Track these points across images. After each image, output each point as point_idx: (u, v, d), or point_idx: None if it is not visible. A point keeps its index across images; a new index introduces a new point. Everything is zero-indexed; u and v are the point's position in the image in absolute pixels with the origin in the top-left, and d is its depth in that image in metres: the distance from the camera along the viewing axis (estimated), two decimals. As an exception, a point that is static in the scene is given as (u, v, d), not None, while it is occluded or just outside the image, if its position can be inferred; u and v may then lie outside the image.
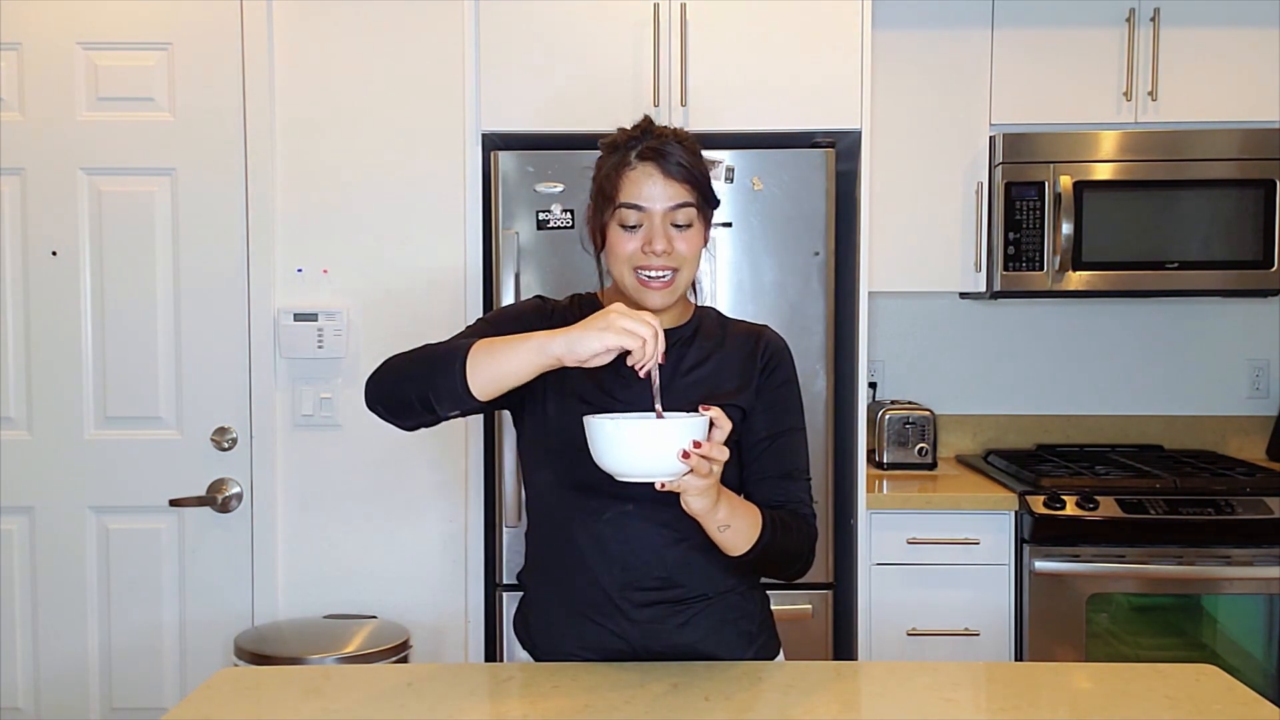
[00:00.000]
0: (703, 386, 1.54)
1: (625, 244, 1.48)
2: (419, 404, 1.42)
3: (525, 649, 1.62)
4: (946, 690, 1.45)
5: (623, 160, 1.49)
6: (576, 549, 1.53)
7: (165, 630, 2.65)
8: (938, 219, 2.95)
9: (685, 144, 1.51)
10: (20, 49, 2.59)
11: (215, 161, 2.61)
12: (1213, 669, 1.51)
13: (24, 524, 2.64)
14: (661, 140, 1.49)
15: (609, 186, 1.50)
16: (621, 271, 1.50)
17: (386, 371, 1.47)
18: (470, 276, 2.63)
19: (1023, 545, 2.68)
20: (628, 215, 1.48)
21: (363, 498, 2.65)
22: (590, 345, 1.31)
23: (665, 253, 1.47)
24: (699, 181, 1.50)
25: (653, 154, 1.48)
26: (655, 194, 1.47)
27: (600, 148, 1.56)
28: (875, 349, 3.26)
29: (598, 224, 1.52)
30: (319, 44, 2.62)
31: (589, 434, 1.33)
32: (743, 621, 1.58)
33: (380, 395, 1.47)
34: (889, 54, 2.91)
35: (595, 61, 2.62)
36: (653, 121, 1.53)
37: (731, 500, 1.41)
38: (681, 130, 1.54)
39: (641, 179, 1.48)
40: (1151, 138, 2.87)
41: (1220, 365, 3.30)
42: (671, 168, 1.48)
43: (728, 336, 1.60)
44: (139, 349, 2.62)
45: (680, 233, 1.49)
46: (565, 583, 1.55)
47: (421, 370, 1.42)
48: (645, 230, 1.48)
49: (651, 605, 1.51)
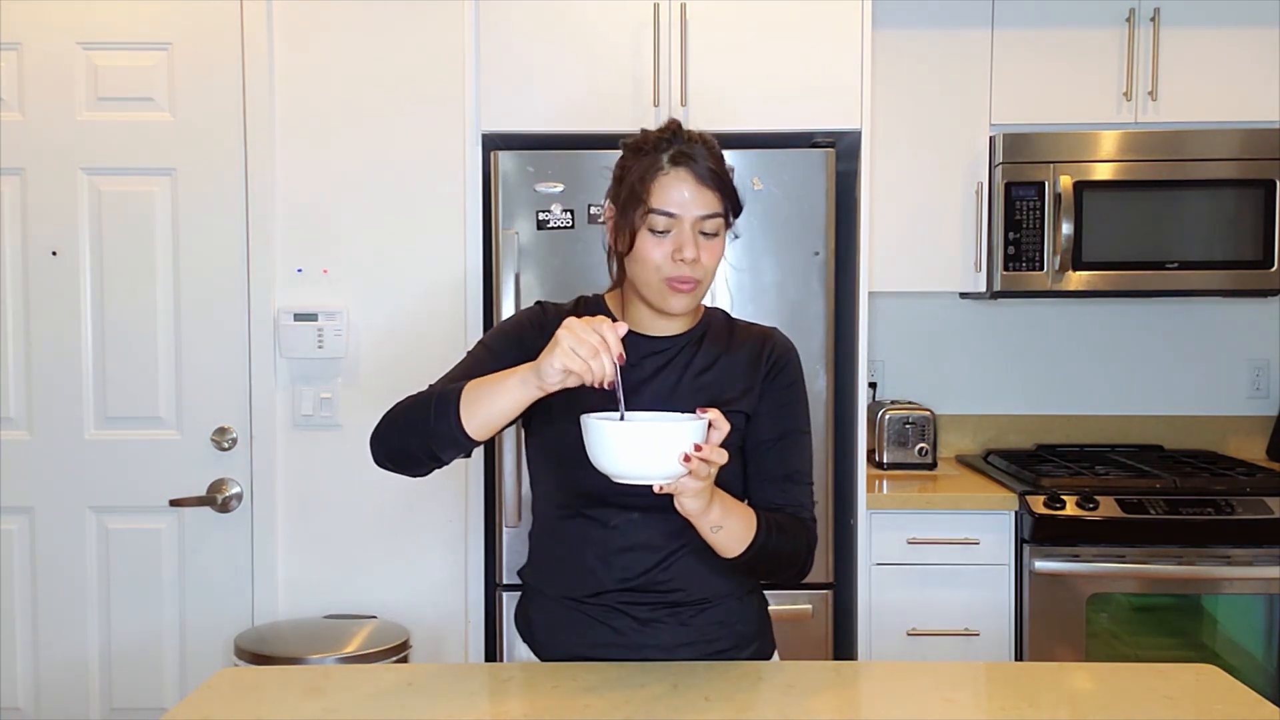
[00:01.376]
0: (708, 391, 1.54)
1: (654, 250, 1.47)
2: (424, 455, 1.44)
3: (526, 642, 1.62)
4: (946, 690, 1.45)
5: (654, 164, 1.48)
6: (580, 554, 1.53)
7: (165, 630, 2.65)
8: (937, 219, 2.95)
9: (712, 150, 1.50)
10: (20, 49, 2.59)
11: (215, 161, 2.61)
12: (1213, 669, 1.51)
13: (24, 524, 2.64)
14: (691, 145, 1.49)
15: (640, 189, 1.47)
16: (649, 276, 1.49)
17: (387, 427, 1.48)
18: (470, 276, 2.63)
19: (1023, 545, 2.68)
20: (658, 221, 1.46)
21: (363, 498, 2.65)
22: (550, 376, 1.32)
23: (694, 261, 1.46)
24: (728, 190, 1.50)
25: (685, 159, 1.47)
26: (687, 200, 1.46)
27: (624, 148, 1.54)
28: (875, 349, 3.26)
29: (625, 226, 1.49)
30: (319, 44, 2.62)
31: (587, 436, 1.32)
32: (739, 625, 1.58)
33: (387, 453, 1.48)
34: (889, 54, 2.91)
35: (595, 61, 2.62)
36: (680, 124, 1.51)
37: (725, 502, 1.41)
38: (707, 135, 1.52)
39: (674, 184, 1.46)
40: (1151, 138, 2.87)
41: (1220, 365, 3.30)
42: (703, 173, 1.47)
43: (735, 340, 1.60)
44: (139, 349, 2.63)
45: (707, 242, 1.48)
46: (567, 583, 1.55)
47: (419, 421, 1.42)
48: (675, 236, 1.46)
49: (652, 607, 1.52)
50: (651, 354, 1.55)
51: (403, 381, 2.63)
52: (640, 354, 1.54)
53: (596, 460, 1.32)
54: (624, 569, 1.51)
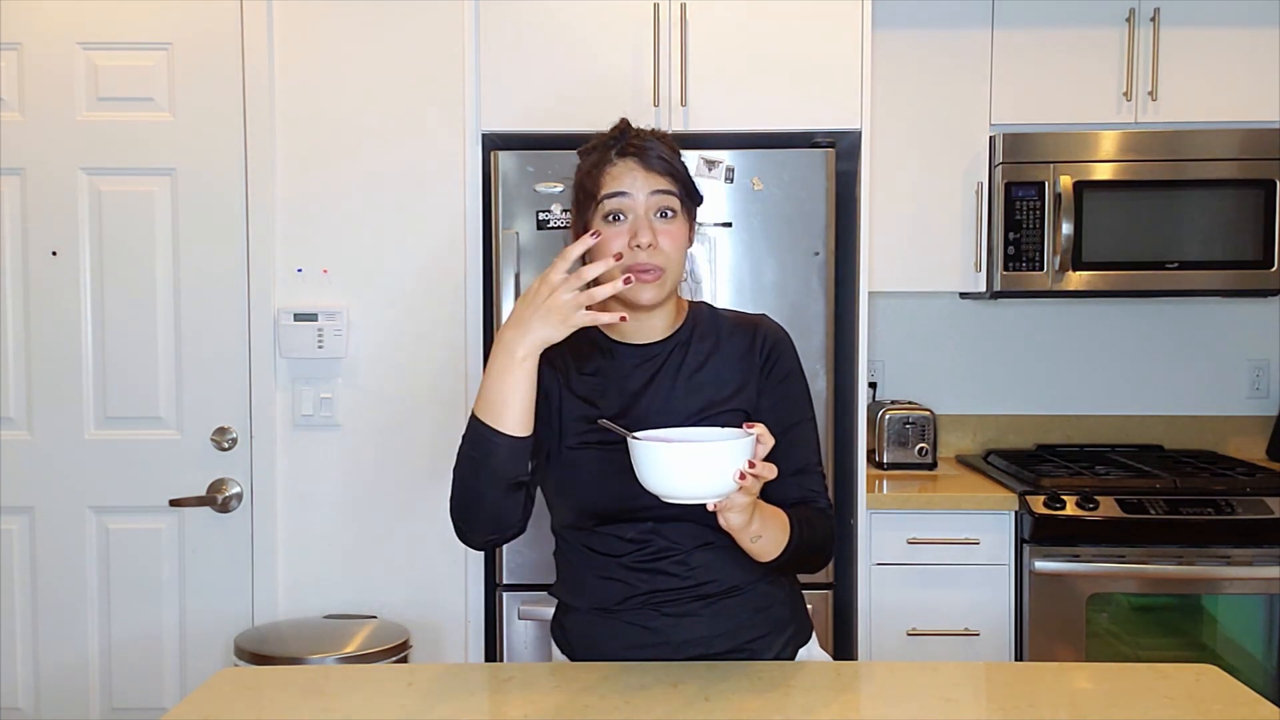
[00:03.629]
0: (703, 393, 1.53)
1: (611, 241, 1.46)
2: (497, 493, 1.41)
3: (564, 654, 1.62)
4: (946, 690, 1.45)
5: (602, 158, 1.50)
6: (603, 568, 1.53)
7: (165, 630, 2.65)
8: (938, 219, 2.95)
9: (664, 141, 1.51)
10: (20, 49, 2.59)
11: (215, 161, 2.61)
12: (1213, 669, 1.51)
13: (24, 524, 2.64)
14: (640, 138, 1.50)
15: (590, 184, 1.49)
16: (612, 270, 1.44)
17: (455, 487, 1.45)
18: (470, 276, 2.63)
19: (1023, 545, 2.68)
20: (609, 204, 1.47)
21: (363, 498, 2.65)
22: (544, 333, 1.35)
23: (650, 245, 1.45)
24: (680, 174, 1.50)
25: (634, 150, 1.48)
26: (637, 183, 1.47)
27: (578, 154, 1.56)
28: (875, 349, 3.26)
29: (580, 225, 1.51)
30: (319, 44, 2.62)
31: (637, 458, 1.29)
32: (775, 609, 1.58)
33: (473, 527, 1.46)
34: (889, 54, 2.91)
35: (595, 61, 2.62)
36: (630, 123, 1.53)
37: (763, 510, 1.41)
38: (659, 130, 1.55)
39: (623, 173, 1.48)
40: (1151, 138, 2.87)
41: (1220, 365, 3.30)
42: (652, 161, 1.48)
43: (723, 334, 1.58)
44: (139, 349, 2.62)
45: (665, 225, 1.47)
46: (595, 596, 1.55)
47: (468, 460, 1.41)
48: (630, 224, 1.46)
49: (683, 601, 1.52)
50: (642, 363, 1.55)
51: (402, 381, 2.66)
52: (631, 364, 1.54)
53: (648, 482, 1.29)
54: (648, 573, 1.52)
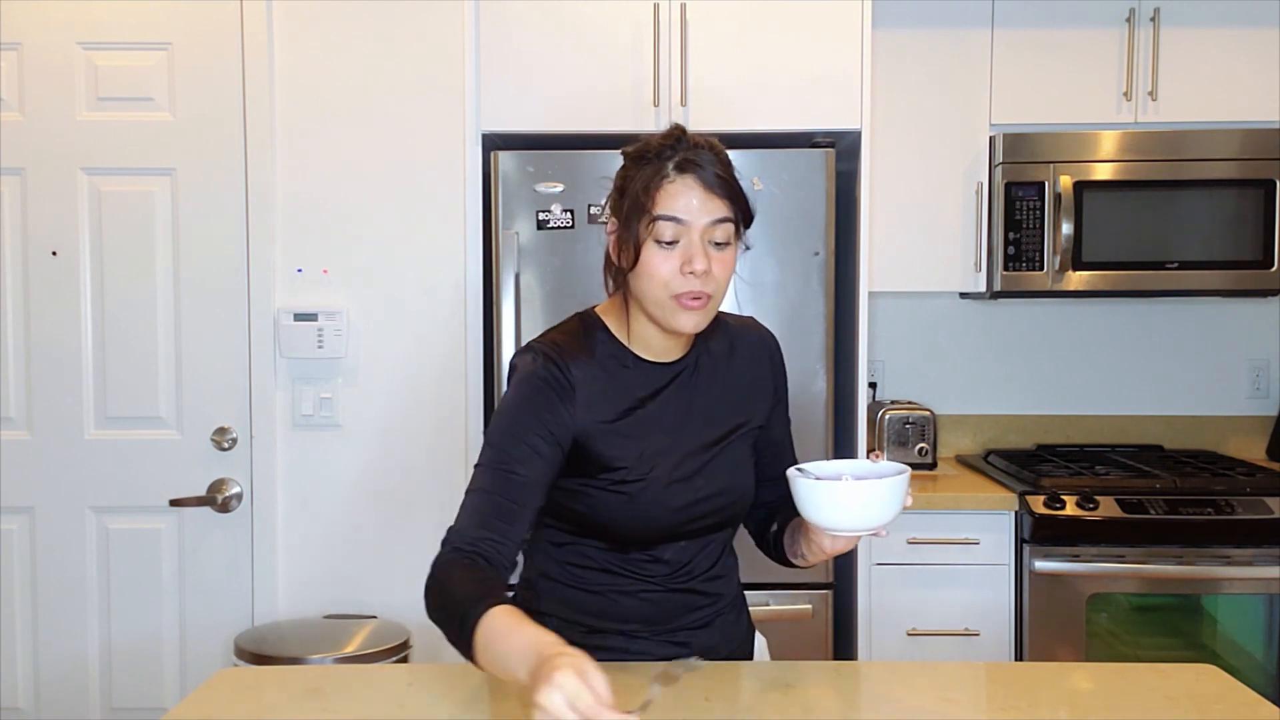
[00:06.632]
0: (719, 424, 1.50)
1: (661, 264, 1.37)
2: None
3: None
4: (946, 690, 1.45)
5: (658, 171, 1.39)
6: (615, 602, 1.50)
7: (165, 630, 2.65)
8: (938, 219, 2.95)
9: (720, 155, 1.42)
10: (20, 49, 2.59)
11: (215, 161, 2.61)
12: (1213, 669, 1.51)
13: (24, 524, 2.64)
14: (697, 151, 1.40)
15: (645, 199, 1.38)
16: (657, 293, 1.39)
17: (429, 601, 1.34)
18: (470, 276, 2.63)
19: (1023, 545, 2.68)
20: (664, 229, 1.37)
21: (363, 497, 2.65)
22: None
23: (705, 273, 1.37)
24: (738, 196, 1.41)
25: (691, 166, 1.38)
26: (695, 207, 1.37)
27: (625, 156, 1.45)
28: (875, 349, 3.26)
29: (630, 239, 1.39)
30: (319, 44, 2.62)
31: (812, 497, 1.32)
32: (744, 610, 1.63)
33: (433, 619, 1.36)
34: (889, 54, 2.91)
35: (595, 61, 2.62)
36: (684, 130, 1.42)
37: None
38: (714, 140, 1.43)
39: (681, 191, 1.37)
40: (1151, 138, 2.87)
41: (1220, 365, 3.30)
42: (710, 180, 1.38)
43: (732, 349, 1.55)
44: (139, 349, 2.62)
45: (718, 253, 1.39)
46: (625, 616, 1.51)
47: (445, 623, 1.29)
48: (683, 248, 1.37)
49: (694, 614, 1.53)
50: (658, 389, 1.48)
51: (402, 381, 2.66)
52: (647, 388, 1.47)
53: (821, 518, 1.33)
54: (681, 590, 1.50)
